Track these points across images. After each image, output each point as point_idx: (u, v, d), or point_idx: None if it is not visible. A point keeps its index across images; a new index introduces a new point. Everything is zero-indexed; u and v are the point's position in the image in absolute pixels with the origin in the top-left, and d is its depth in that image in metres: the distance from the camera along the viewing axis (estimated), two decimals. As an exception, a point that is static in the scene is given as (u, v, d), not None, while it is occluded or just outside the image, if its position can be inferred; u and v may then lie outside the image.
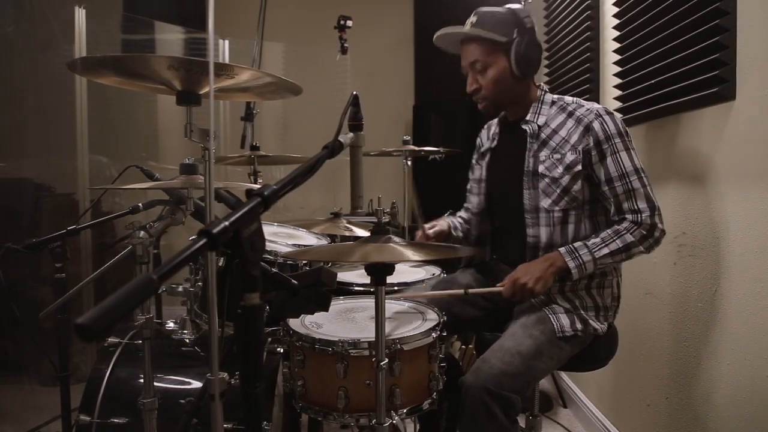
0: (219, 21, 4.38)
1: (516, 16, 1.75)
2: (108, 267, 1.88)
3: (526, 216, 1.77)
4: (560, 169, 1.72)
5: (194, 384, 1.82)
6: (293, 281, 1.16)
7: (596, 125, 1.70)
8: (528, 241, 1.77)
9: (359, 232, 2.10)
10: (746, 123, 1.60)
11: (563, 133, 1.74)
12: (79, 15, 3.30)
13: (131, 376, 1.80)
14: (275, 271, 1.18)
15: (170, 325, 2.08)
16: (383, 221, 1.47)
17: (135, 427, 1.66)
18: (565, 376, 3.16)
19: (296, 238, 2.16)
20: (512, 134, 1.89)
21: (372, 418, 1.40)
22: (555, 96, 1.84)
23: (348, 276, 2.15)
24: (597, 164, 1.70)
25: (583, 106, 1.76)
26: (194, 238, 0.78)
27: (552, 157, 1.74)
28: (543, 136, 1.77)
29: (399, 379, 1.45)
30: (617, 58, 2.29)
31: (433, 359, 1.54)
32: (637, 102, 2.14)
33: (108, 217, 2.21)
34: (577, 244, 1.68)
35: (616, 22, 2.29)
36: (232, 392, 1.18)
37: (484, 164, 1.97)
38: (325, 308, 1.29)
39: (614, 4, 2.32)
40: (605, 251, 1.66)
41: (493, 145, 1.96)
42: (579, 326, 1.70)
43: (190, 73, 1.19)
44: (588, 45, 2.67)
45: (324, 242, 2.19)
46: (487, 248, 2.03)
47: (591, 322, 1.72)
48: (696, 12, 1.72)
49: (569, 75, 2.92)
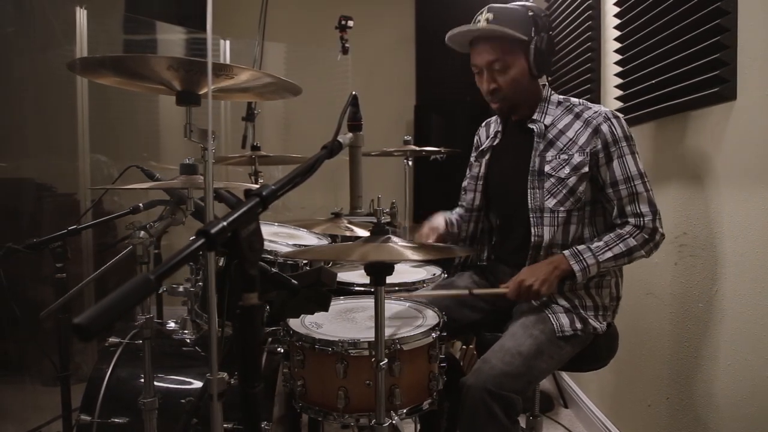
0: (220, 21, 4.38)
1: (533, 13, 1.71)
2: (108, 267, 1.89)
3: (531, 215, 1.77)
4: (567, 170, 1.72)
5: (195, 384, 1.82)
6: (293, 281, 1.16)
7: (605, 128, 1.70)
8: (532, 241, 1.76)
9: (360, 233, 2.10)
10: (747, 123, 1.60)
11: (571, 134, 1.74)
12: (80, 15, 3.30)
13: (132, 376, 1.80)
14: (275, 271, 1.18)
15: (171, 325, 2.09)
16: (382, 221, 1.47)
17: (135, 427, 1.66)
18: (566, 377, 3.16)
19: (297, 238, 2.16)
20: (517, 133, 1.88)
21: (372, 418, 1.40)
22: (561, 96, 1.83)
23: (349, 276, 2.15)
24: (603, 167, 1.70)
25: (591, 108, 1.76)
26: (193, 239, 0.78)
27: (559, 158, 1.73)
28: (550, 136, 1.77)
29: (399, 379, 1.45)
30: (618, 58, 2.29)
31: (433, 359, 1.54)
32: (638, 102, 2.14)
33: (108, 217, 2.21)
34: (581, 248, 1.68)
35: (617, 22, 2.29)
36: (232, 392, 1.18)
37: (484, 162, 1.96)
38: (325, 308, 1.29)
39: (615, 4, 2.32)
40: (608, 255, 1.66)
41: (495, 143, 1.95)
42: (578, 325, 1.70)
43: (190, 74, 1.19)
44: (589, 45, 2.67)
45: (324, 242, 2.19)
46: (485, 248, 2.02)
47: (590, 322, 1.72)
48: (697, 12, 1.72)
49: (570, 75, 2.92)
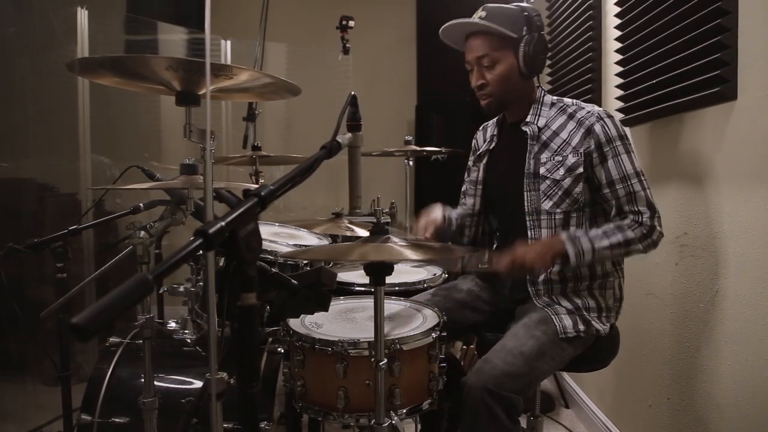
0: (221, 22, 4.39)
1: (526, 13, 1.73)
2: (108, 267, 1.89)
3: (527, 218, 1.76)
4: (562, 171, 1.71)
5: (196, 384, 1.82)
6: (293, 281, 1.16)
7: (597, 128, 1.69)
8: (530, 243, 1.76)
9: (361, 233, 2.10)
10: (748, 123, 1.60)
11: (564, 135, 1.74)
12: (81, 16, 3.31)
13: (132, 376, 1.80)
14: (275, 271, 1.18)
15: (172, 325, 2.08)
16: (382, 221, 1.47)
17: (136, 427, 1.66)
18: (567, 377, 3.16)
19: (297, 239, 2.16)
20: (511, 136, 1.88)
21: (372, 418, 1.40)
22: (554, 97, 1.83)
23: (349, 276, 2.15)
24: (598, 167, 1.70)
25: (584, 109, 1.75)
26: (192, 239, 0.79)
27: (553, 159, 1.73)
28: (543, 138, 1.77)
29: (398, 379, 1.45)
30: (619, 58, 2.29)
31: (433, 359, 1.54)
32: (639, 102, 2.14)
33: (109, 218, 2.22)
34: (579, 232, 1.67)
35: (618, 22, 2.28)
36: (232, 392, 1.18)
37: (482, 166, 1.95)
38: (325, 308, 1.29)
39: (616, 4, 2.32)
40: (605, 243, 1.64)
41: (491, 147, 1.95)
42: (581, 327, 1.70)
43: (189, 74, 1.19)
44: (590, 45, 2.67)
45: (325, 242, 2.19)
46: (486, 251, 2.01)
47: (593, 323, 1.72)
48: (697, 12, 1.72)
49: (571, 75, 2.92)
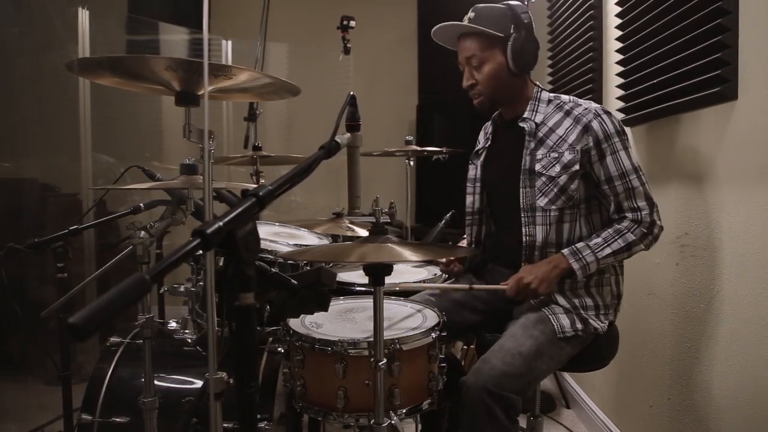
0: (222, 22, 4.39)
1: (513, 12, 1.75)
2: (108, 267, 1.89)
3: (522, 215, 1.77)
4: (557, 168, 1.72)
5: (196, 383, 1.82)
6: (293, 281, 1.16)
7: (595, 124, 1.69)
8: (524, 240, 1.76)
9: (361, 233, 2.10)
10: (748, 123, 1.60)
11: (561, 132, 1.74)
12: (82, 16, 3.31)
13: (133, 376, 1.80)
14: (275, 271, 1.18)
15: (172, 325, 2.09)
16: (381, 221, 1.47)
17: (136, 427, 1.66)
18: (568, 377, 3.15)
19: (298, 239, 2.16)
20: (509, 132, 1.88)
21: (371, 418, 1.40)
22: (551, 94, 1.83)
23: (350, 276, 2.15)
24: (596, 163, 1.70)
25: (581, 105, 1.76)
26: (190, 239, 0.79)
27: (549, 156, 1.73)
28: (540, 135, 1.77)
29: (398, 379, 1.45)
30: (620, 58, 2.28)
31: (433, 359, 1.54)
32: (640, 102, 2.14)
33: (109, 218, 2.22)
34: (580, 245, 1.68)
35: (619, 22, 2.28)
36: (232, 392, 1.18)
37: (479, 163, 1.96)
38: (325, 308, 1.29)
39: (617, 4, 2.32)
40: (608, 251, 1.66)
41: (488, 144, 1.96)
42: (579, 326, 1.70)
43: (188, 74, 1.19)
44: (591, 45, 2.67)
45: (325, 242, 2.19)
46: (482, 249, 2.02)
47: (591, 322, 1.72)
48: (698, 11, 1.72)
49: (572, 75, 2.92)
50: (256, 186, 0.91)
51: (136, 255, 1.55)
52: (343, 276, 2.14)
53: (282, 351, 1.78)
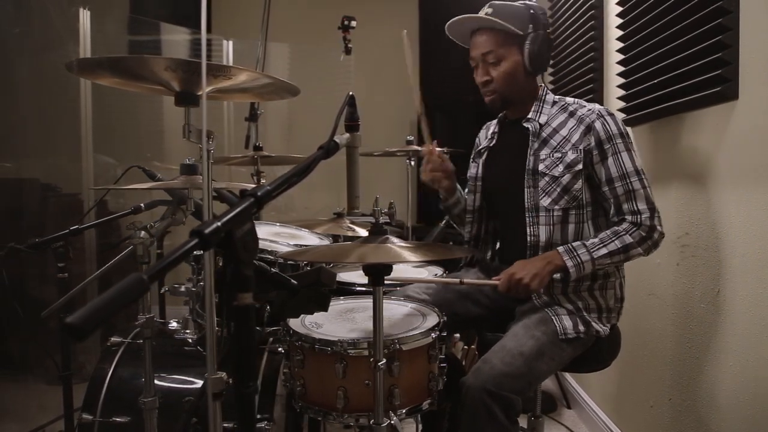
0: (224, 22, 4.39)
1: (532, 11, 1.74)
2: (108, 267, 1.89)
3: (527, 215, 1.77)
4: (561, 168, 1.71)
5: (197, 383, 1.82)
6: (293, 281, 1.16)
7: (598, 125, 1.69)
8: (528, 240, 1.76)
9: (362, 233, 2.10)
10: (749, 122, 1.59)
11: (564, 132, 1.74)
12: (83, 16, 3.32)
13: (133, 376, 1.80)
14: (275, 271, 1.18)
15: (173, 325, 2.10)
16: (381, 221, 1.47)
17: (137, 426, 1.66)
18: (570, 378, 3.15)
19: (298, 239, 2.16)
20: (513, 132, 1.88)
21: (371, 418, 1.40)
22: (556, 96, 1.84)
23: (350, 276, 2.15)
24: (598, 164, 1.70)
25: (585, 107, 1.76)
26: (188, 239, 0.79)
27: (552, 156, 1.73)
28: (544, 135, 1.77)
29: (398, 380, 1.45)
30: (620, 58, 2.28)
31: (433, 359, 1.53)
32: (641, 102, 2.13)
33: (109, 218, 2.22)
34: (576, 244, 1.67)
35: (620, 22, 2.28)
36: (232, 392, 1.18)
37: (481, 162, 1.96)
38: (325, 308, 1.30)
39: (617, 4, 2.31)
40: (603, 252, 1.65)
41: (491, 144, 1.95)
42: (581, 328, 1.69)
43: (188, 74, 1.19)
44: (592, 44, 2.67)
45: (326, 242, 2.19)
46: (488, 247, 2.02)
47: (593, 324, 1.72)
48: (699, 11, 1.71)
49: (573, 75, 2.91)
50: (255, 186, 0.91)
51: (137, 255, 1.55)
52: (343, 276, 2.14)
53: (282, 351, 1.78)
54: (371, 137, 1.89)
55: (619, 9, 2.29)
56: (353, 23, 2.90)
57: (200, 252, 1.48)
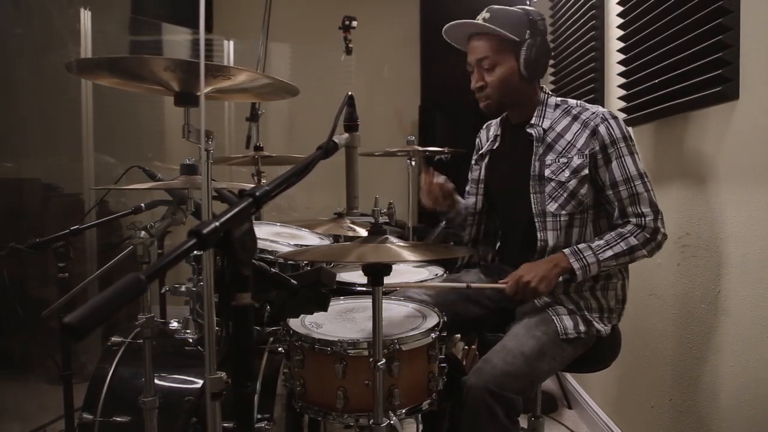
0: (224, 22, 4.39)
1: (530, 17, 1.72)
2: (109, 267, 1.89)
3: (536, 220, 1.76)
4: (567, 173, 1.71)
5: (197, 383, 1.82)
6: (293, 281, 1.16)
7: (602, 129, 1.69)
8: (539, 246, 1.76)
9: (363, 233, 2.10)
10: (749, 122, 1.59)
11: (569, 137, 1.73)
12: (84, 17, 3.32)
13: (134, 375, 1.80)
14: (275, 271, 1.19)
15: (174, 325, 2.10)
16: (380, 221, 1.47)
17: (137, 426, 1.66)
18: (570, 378, 3.15)
19: (299, 239, 2.16)
20: (516, 137, 1.87)
21: (371, 418, 1.40)
22: (558, 99, 1.83)
23: (351, 276, 2.15)
24: (602, 168, 1.70)
25: (588, 110, 1.75)
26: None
27: (558, 161, 1.73)
28: (548, 140, 1.76)
29: (398, 380, 1.45)
30: (621, 58, 2.28)
31: (433, 359, 1.53)
32: (641, 102, 2.13)
33: (110, 218, 2.22)
34: (581, 246, 1.67)
35: (620, 22, 2.28)
36: (231, 392, 1.18)
37: (483, 165, 1.96)
38: (324, 308, 1.30)
39: (618, 4, 2.31)
40: (609, 253, 1.65)
41: (494, 147, 1.95)
42: (582, 328, 1.69)
43: (187, 74, 1.19)
44: (593, 45, 2.66)
45: (326, 242, 2.19)
46: (489, 249, 2.02)
47: (594, 324, 1.71)
48: (699, 11, 1.71)
49: (574, 75, 2.91)
50: (253, 186, 0.91)
51: (137, 255, 1.55)
52: (343, 276, 2.14)
53: (282, 351, 1.78)
54: (371, 137, 1.89)
55: (620, 9, 2.29)
56: (354, 23, 2.90)
57: (199, 252, 1.48)
